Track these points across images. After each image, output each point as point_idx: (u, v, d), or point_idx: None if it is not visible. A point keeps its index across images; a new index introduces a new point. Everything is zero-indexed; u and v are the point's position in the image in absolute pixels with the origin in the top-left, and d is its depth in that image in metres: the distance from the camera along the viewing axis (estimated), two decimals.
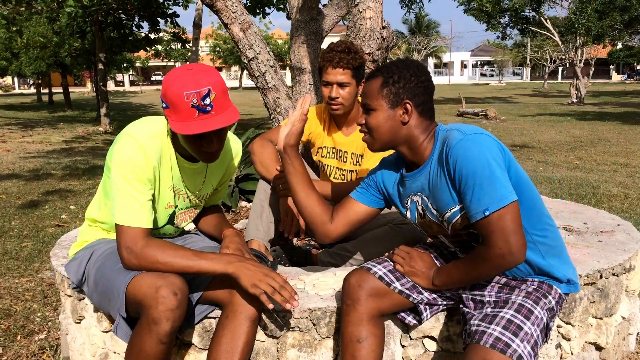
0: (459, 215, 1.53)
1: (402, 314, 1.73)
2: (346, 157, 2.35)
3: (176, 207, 1.80)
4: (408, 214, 1.69)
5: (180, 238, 1.94)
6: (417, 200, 1.64)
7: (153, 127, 1.66)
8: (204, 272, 1.60)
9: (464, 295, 1.65)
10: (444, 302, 1.72)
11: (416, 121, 1.57)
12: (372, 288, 1.63)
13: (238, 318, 1.64)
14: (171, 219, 1.83)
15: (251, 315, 1.65)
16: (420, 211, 1.64)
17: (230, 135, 1.91)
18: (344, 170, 2.38)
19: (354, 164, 2.35)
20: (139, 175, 1.60)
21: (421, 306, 1.68)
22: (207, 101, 1.51)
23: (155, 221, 1.75)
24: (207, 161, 1.65)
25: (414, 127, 1.57)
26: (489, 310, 1.53)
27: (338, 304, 1.75)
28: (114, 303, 1.61)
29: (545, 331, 1.52)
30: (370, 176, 1.77)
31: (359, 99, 2.37)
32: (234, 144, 1.93)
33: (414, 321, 1.72)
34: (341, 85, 2.20)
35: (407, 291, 1.65)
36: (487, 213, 1.41)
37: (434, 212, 1.60)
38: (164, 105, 1.56)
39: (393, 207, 1.78)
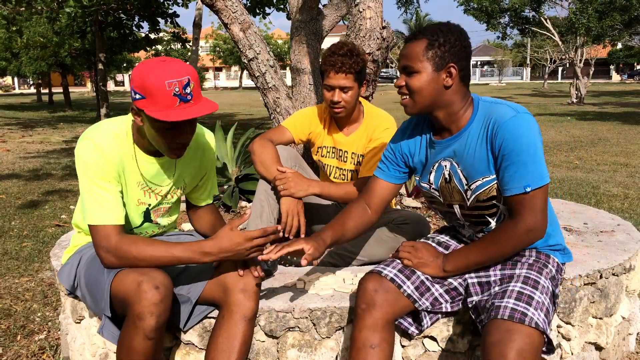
0: (489, 186, 1.58)
1: (405, 324, 1.72)
2: (346, 157, 2.35)
3: (149, 204, 1.80)
4: (432, 178, 1.71)
5: (174, 238, 1.93)
6: (446, 165, 1.66)
7: (111, 127, 1.67)
8: (181, 261, 1.59)
9: (470, 281, 1.67)
10: (449, 309, 1.71)
11: (457, 86, 1.58)
12: (387, 292, 1.63)
13: (234, 318, 1.63)
14: (147, 217, 1.82)
15: (247, 314, 1.64)
16: (447, 176, 1.67)
17: (204, 130, 1.90)
18: (344, 170, 2.38)
19: (354, 164, 2.35)
20: (102, 174, 1.61)
21: (422, 314, 1.69)
22: (188, 90, 1.52)
23: (131, 221, 1.76)
24: (174, 156, 1.65)
25: (454, 92, 1.58)
26: (496, 288, 1.58)
27: (338, 304, 1.75)
28: (100, 303, 1.62)
29: (553, 299, 1.58)
30: (390, 151, 1.79)
31: (361, 99, 2.37)
32: (204, 138, 1.88)
33: (417, 331, 1.72)
34: (343, 89, 2.19)
35: (414, 295, 1.65)
36: (527, 189, 1.49)
37: (463, 179, 1.63)
38: (137, 96, 1.53)
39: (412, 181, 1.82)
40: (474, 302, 1.64)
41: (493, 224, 1.65)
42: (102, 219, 1.60)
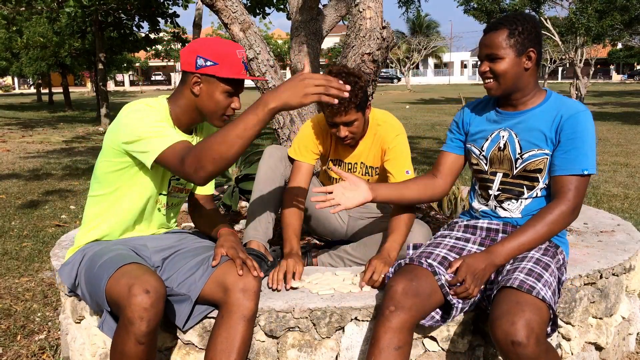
0: (540, 158, 1.78)
1: (431, 315, 1.69)
2: (355, 168, 2.29)
3: (174, 177, 1.87)
4: (485, 145, 1.88)
5: (175, 236, 1.94)
6: (503, 136, 1.85)
7: (152, 101, 1.77)
8: (251, 122, 1.46)
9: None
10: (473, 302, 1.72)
11: (533, 68, 1.79)
12: (417, 296, 1.61)
13: (233, 318, 1.63)
14: (169, 184, 1.88)
15: (246, 314, 1.64)
16: (501, 145, 1.85)
17: None
18: None
19: (362, 174, 2.29)
20: (161, 121, 1.68)
21: (454, 309, 1.67)
22: (247, 61, 1.76)
23: (157, 185, 1.83)
24: (221, 123, 1.78)
25: (530, 74, 1.79)
26: (508, 267, 1.68)
27: (338, 304, 1.75)
28: (99, 300, 1.63)
29: (559, 287, 1.67)
30: (455, 123, 2.00)
31: (367, 113, 2.22)
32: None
33: (441, 321, 1.70)
34: (347, 124, 2.07)
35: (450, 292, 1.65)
36: (585, 172, 1.70)
37: (518, 147, 1.82)
38: (208, 63, 1.69)
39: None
40: (489, 290, 1.70)
41: (526, 194, 1.82)
42: (170, 142, 1.60)
